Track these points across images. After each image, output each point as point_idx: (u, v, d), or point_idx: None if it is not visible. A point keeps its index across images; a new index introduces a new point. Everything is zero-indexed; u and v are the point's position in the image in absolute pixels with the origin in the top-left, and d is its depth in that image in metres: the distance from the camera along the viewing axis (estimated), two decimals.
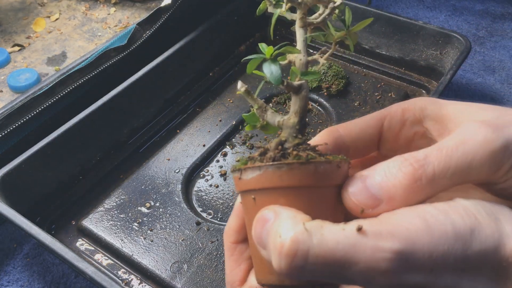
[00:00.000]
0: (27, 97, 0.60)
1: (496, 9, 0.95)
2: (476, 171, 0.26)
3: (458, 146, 0.26)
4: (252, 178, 0.28)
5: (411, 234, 0.25)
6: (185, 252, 0.53)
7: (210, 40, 0.76)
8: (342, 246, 0.24)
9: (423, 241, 0.24)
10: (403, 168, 0.26)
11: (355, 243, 0.24)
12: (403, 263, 0.24)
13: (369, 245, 0.24)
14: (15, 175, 0.54)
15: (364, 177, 0.27)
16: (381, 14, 0.76)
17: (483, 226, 0.26)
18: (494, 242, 0.25)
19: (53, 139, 0.57)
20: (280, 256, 0.25)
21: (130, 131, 0.67)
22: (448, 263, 0.25)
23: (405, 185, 0.26)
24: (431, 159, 0.26)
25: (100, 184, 0.62)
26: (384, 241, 0.24)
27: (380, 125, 0.34)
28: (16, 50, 0.86)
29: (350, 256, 0.24)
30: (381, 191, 0.26)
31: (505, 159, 0.26)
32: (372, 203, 0.26)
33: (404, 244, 0.24)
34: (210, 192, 0.61)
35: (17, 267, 0.56)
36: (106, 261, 0.54)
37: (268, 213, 0.27)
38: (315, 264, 0.24)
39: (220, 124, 0.69)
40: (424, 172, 0.26)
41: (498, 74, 0.80)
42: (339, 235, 0.25)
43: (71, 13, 0.95)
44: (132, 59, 0.68)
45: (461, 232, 0.25)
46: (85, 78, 0.64)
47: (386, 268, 0.24)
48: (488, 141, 0.26)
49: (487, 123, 0.27)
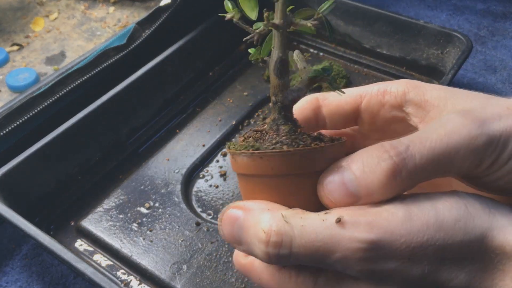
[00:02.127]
0: (26, 96, 0.60)
1: (497, 9, 0.94)
2: (457, 166, 0.27)
3: (441, 139, 0.26)
4: (241, 162, 0.28)
5: (390, 224, 0.25)
6: (185, 253, 0.53)
7: (210, 39, 0.76)
8: (321, 237, 0.26)
9: (401, 231, 0.25)
10: (382, 162, 0.26)
11: (333, 234, 0.25)
12: (378, 253, 0.25)
13: (346, 235, 0.25)
14: (13, 175, 0.54)
15: (342, 169, 0.27)
16: (382, 14, 0.75)
17: (472, 217, 0.26)
18: (481, 233, 0.26)
19: (52, 139, 0.57)
20: (267, 248, 0.26)
21: (129, 131, 0.67)
22: (427, 252, 0.25)
23: (384, 182, 0.26)
24: (413, 151, 0.26)
25: (99, 184, 0.61)
26: (360, 231, 0.25)
27: (357, 103, 0.33)
28: (14, 49, 0.86)
29: (329, 246, 0.25)
30: (359, 189, 0.26)
31: (487, 156, 0.27)
32: (350, 201, 0.27)
33: (380, 234, 0.25)
34: (210, 193, 0.60)
35: (15, 267, 0.56)
36: (105, 261, 0.53)
37: (235, 211, 0.28)
38: (298, 254, 0.26)
39: (220, 124, 0.69)
40: (405, 166, 0.26)
41: (499, 74, 0.80)
42: (318, 226, 0.26)
43: (70, 12, 0.95)
44: (132, 58, 0.67)
45: (444, 222, 0.26)
46: (84, 78, 0.63)
47: (361, 257, 0.25)
48: (472, 137, 0.26)
49: (472, 117, 0.27)
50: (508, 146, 0.27)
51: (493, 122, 0.27)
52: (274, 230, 0.26)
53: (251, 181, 0.29)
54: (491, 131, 0.26)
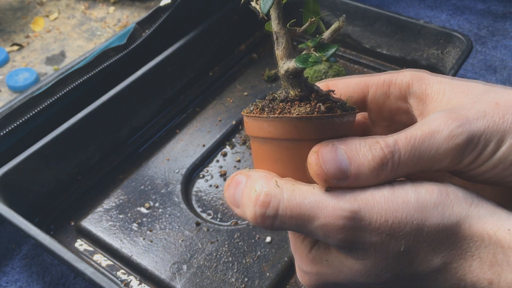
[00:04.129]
0: (26, 96, 0.60)
1: (497, 9, 0.94)
2: (438, 162, 0.28)
3: (425, 138, 0.28)
4: (254, 126, 0.30)
5: (374, 198, 0.28)
6: (185, 253, 0.53)
7: (210, 39, 0.76)
8: (308, 201, 0.28)
9: (382, 206, 0.27)
10: (373, 150, 0.28)
11: (320, 200, 0.27)
12: (358, 223, 0.27)
13: (331, 203, 0.27)
14: (13, 175, 0.54)
15: (335, 147, 0.28)
16: (382, 14, 0.75)
17: (452, 204, 0.28)
18: (458, 220, 0.28)
19: (52, 139, 0.57)
20: (255, 206, 0.28)
21: (129, 131, 0.67)
22: (405, 230, 0.27)
23: (372, 167, 0.28)
24: (399, 147, 0.28)
25: (99, 184, 0.61)
26: (344, 201, 0.27)
27: (364, 93, 0.34)
28: (14, 49, 0.86)
29: (313, 211, 0.27)
30: (350, 166, 0.28)
31: (467, 153, 0.28)
32: (339, 175, 0.28)
33: (362, 206, 0.27)
34: (210, 193, 0.60)
35: (15, 267, 0.56)
36: (105, 261, 0.53)
37: (240, 176, 0.30)
38: (284, 216, 0.28)
39: (220, 124, 0.69)
40: (391, 159, 0.28)
41: (499, 74, 0.80)
42: (307, 192, 0.28)
43: (70, 12, 0.95)
44: (132, 58, 0.67)
45: (424, 204, 0.28)
46: (84, 78, 0.63)
47: (342, 225, 0.27)
48: (453, 136, 0.28)
49: (456, 116, 0.28)
50: (490, 142, 0.28)
51: (477, 120, 0.28)
52: (264, 191, 0.28)
53: (265, 143, 0.30)
54: (472, 130, 0.28)
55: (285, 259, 0.52)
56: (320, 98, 0.30)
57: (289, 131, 0.28)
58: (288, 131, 0.28)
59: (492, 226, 0.27)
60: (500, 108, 0.28)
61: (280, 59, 0.31)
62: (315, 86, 0.31)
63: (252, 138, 0.31)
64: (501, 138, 0.28)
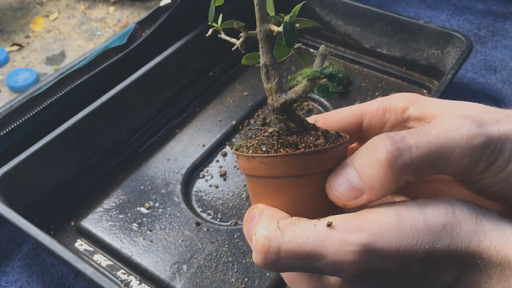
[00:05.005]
0: (26, 96, 0.60)
1: (497, 9, 0.94)
2: (454, 164, 0.27)
3: (440, 135, 0.26)
4: (246, 164, 0.29)
5: (380, 228, 0.26)
6: (185, 253, 0.53)
7: (210, 39, 0.75)
8: (312, 241, 0.26)
9: (391, 234, 0.26)
10: (378, 153, 0.26)
11: (324, 237, 0.26)
12: (368, 255, 0.25)
13: (337, 239, 0.26)
14: (13, 175, 0.54)
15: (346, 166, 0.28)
16: (382, 13, 0.75)
17: (459, 222, 0.26)
18: (467, 238, 0.26)
19: (52, 139, 0.57)
20: (256, 252, 0.27)
21: (129, 131, 0.67)
22: (417, 256, 0.26)
23: (382, 173, 0.26)
24: (410, 143, 0.26)
25: (99, 184, 0.61)
26: (351, 235, 0.26)
27: (359, 123, 0.33)
28: (14, 49, 0.86)
29: (319, 250, 0.26)
30: (361, 182, 0.27)
31: (484, 157, 0.26)
32: (354, 195, 0.27)
33: (370, 237, 0.26)
34: (210, 193, 0.60)
35: (15, 267, 0.56)
36: (105, 261, 0.53)
37: (255, 211, 0.29)
38: (287, 258, 0.27)
39: (220, 124, 0.69)
40: (400, 156, 0.26)
41: (499, 74, 0.80)
42: (309, 230, 0.26)
43: (70, 12, 0.95)
44: (132, 58, 0.67)
45: (433, 227, 0.26)
46: (84, 78, 0.63)
47: (353, 260, 0.25)
48: (471, 136, 0.26)
49: (471, 118, 0.27)
50: (505, 151, 0.26)
51: (492, 125, 0.27)
52: (263, 235, 0.27)
53: (257, 181, 0.29)
54: (490, 132, 0.26)
55: None
56: (312, 128, 0.29)
57: (292, 168, 0.27)
58: (292, 168, 0.27)
59: (498, 241, 0.26)
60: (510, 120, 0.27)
61: (274, 93, 0.29)
62: (305, 120, 0.30)
63: (251, 177, 0.29)
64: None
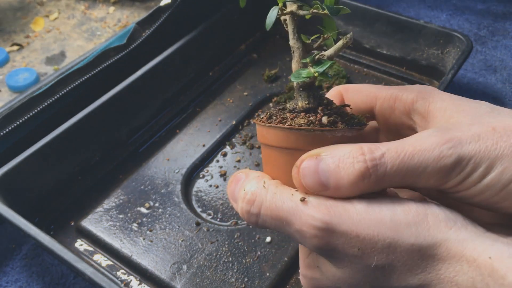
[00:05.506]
0: (26, 96, 0.60)
1: (497, 8, 0.94)
2: (424, 180, 0.29)
3: (414, 154, 0.28)
4: (257, 131, 0.33)
5: (347, 212, 0.28)
6: (185, 253, 0.53)
7: (210, 39, 0.76)
8: (286, 206, 0.29)
9: (354, 221, 0.28)
10: (356, 163, 0.28)
11: (296, 207, 0.29)
12: (329, 234, 0.28)
13: (305, 212, 0.29)
14: (13, 175, 0.54)
15: (319, 158, 0.29)
16: (382, 14, 0.75)
17: (428, 227, 0.28)
18: (434, 243, 0.28)
19: (51, 139, 0.57)
20: (242, 204, 0.31)
21: (129, 131, 0.67)
22: (376, 247, 0.28)
23: (353, 181, 0.28)
24: (386, 160, 0.28)
25: (99, 185, 0.61)
26: (318, 212, 0.28)
27: (372, 105, 0.35)
28: (15, 49, 0.86)
29: (290, 217, 0.29)
30: (329, 180, 0.29)
31: (454, 175, 0.28)
32: (319, 188, 0.29)
33: (335, 219, 0.28)
34: (210, 193, 0.60)
35: (15, 267, 0.56)
36: (105, 261, 0.53)
37: (240, 174, 0.32)
38: (265, 216, 0.30)
39: (220, 124, 0.69)
40: (374, 172, 0.28)
41: (499, 74, 0.80)
42: (286, 197, 0.30)
43: (70, 12, 0.95)
44: (131, 58, 0.67)
45: (398, 224, 0.28)
46: (84, 78, 0.63)
47: (315, 233, 0.28)
48: (442, 157, 0.28)
49: (450, 136, 0.28)
50: (479, 167, 0.28)
51: (469, 143, 0.28)
52: (251, 191, 0.30)
53: (263, 149, 0.34)
54: (463, 152, 0.28)
55: (285, 259, 0.52)
56: (327, 112, 0.31)
57: (282, 140, 0.31)
58: (282, 140, 0.31)
59: (472, 252, 0.27)
60: (495, 134, 0.28)
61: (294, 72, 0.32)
62: (326, 99, 0.32)
63: (261, 144, 0.34)
64: (491, 164, 0.27)
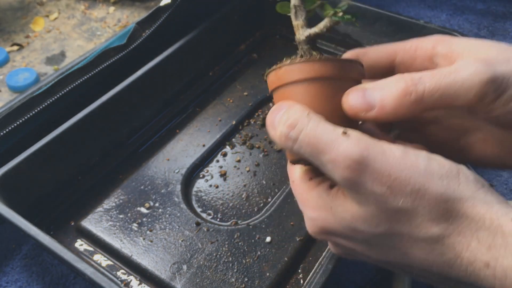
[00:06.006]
0: (26, 96, 0.60)
1: (497, 8, 0.94)
2: (462, 97, 0.31)
3: (450, 73, 0.31)
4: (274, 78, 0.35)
5: (384, 153, 0.30)
6: (185, 253, 0.53)
7: (210, 39, 0.76)
8: (326, 137, 0.31)
9: (390, 161, 0.29)
10: (398, 83, 0.31)
11: (336, 139, 0.30)
12: (362, 167, 0.29)
13: (344, 143, 0.30)
14: (13, 175, 0.54)
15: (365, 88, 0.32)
16: (382, 14, 0.75)
17: (459, 182, 0.30)
18: (461, 197, 0.29)
19: (51, 139, 0.57)
20: (283, 127, 0.32)
21: (129, 131, 0.67)
22: (405, 189, 0.29)
23: (396, 96, 0.31)
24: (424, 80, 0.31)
25: (99, 185, 0.61)
26: (356, 145, 0.30)
27: (392, 58, 0.38)
28: (14, 49, 0.86)
29: (327, 146, 0.30)
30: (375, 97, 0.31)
31: (490, 91, 0.30)
32: (365, 107, 0.32)
33: (371, 156, 0.29)
34: (210, 193, 0.60)
35: (15, 267, 0.56)
36: (105, 261, 0.53)
37: (284, 104, 0.34)
38: (303, 141, 0.31)
39: (220, 124, 0.69)
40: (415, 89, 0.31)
41: None
42: (328, 129, 0.31)
43: (70, 12, 0.95)
44: (132, 58, 0.67)
45: (431, 173, 0.29)
46: (84, 78, 0.63)
47: (348, 165, 0.30)
48: (478, 73, 0.30)
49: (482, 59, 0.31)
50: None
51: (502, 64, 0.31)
52: (294, 117, 0.32)
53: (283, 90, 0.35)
54: (497, 71, 0.30)
55: (285, 259, 0.52)
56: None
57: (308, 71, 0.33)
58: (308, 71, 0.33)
59: (496, 212, 0.28)
60: None
61: (300, 28, 0.36)
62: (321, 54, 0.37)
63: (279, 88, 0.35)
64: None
